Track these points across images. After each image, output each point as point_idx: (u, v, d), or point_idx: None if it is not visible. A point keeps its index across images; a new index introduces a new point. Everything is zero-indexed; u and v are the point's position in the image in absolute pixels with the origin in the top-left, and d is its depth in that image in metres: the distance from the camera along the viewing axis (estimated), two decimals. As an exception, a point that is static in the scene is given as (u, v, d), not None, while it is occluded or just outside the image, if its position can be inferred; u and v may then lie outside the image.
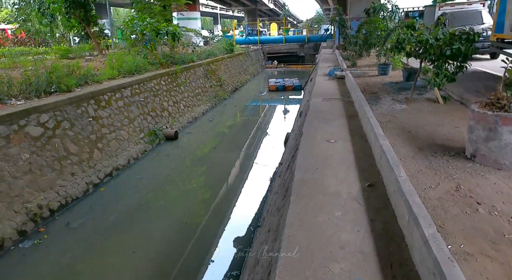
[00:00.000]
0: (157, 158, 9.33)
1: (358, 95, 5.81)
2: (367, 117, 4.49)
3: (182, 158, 9.55)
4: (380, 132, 3.94)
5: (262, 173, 8.36)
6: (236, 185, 7.88)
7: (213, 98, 15.46)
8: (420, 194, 2.82)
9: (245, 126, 13.08)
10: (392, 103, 6.20)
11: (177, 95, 12.40)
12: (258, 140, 11.12)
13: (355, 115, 5.85)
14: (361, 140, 4.66)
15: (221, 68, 18.40)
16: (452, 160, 3.62)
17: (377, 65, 9.49)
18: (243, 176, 8.31)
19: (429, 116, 5.49)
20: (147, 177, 8.28)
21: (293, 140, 5.86)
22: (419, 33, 5.20)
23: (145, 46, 12.77)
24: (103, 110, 8.44)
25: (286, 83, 19.41)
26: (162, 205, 7.10)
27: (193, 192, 7.75)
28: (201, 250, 5.51)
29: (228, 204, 6.93)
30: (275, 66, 31.69)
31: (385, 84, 8.42)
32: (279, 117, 14.30)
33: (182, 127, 11.64)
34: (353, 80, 7.54)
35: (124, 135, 8.79)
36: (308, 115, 5.50)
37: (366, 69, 11.10)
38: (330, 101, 6.75)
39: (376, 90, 7.49)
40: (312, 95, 7.16)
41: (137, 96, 10.00)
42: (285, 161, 5.46)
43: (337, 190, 3.33)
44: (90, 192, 7.12)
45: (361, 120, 5.23)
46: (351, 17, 17.69)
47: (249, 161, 9.30)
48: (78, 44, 17.47)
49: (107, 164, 7.84)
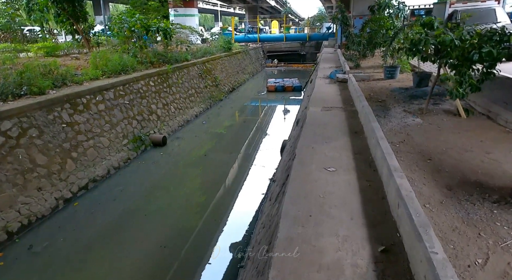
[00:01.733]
0: (141, 167, 8.55)
1: (364, 105, 5.00)
2: (376, 138, 3.67)
3: (170, 166, 8.77)
4: (394, 165, 3.04)
5: (256, 185, 7.58)
6: (227, 199, 7.10)
7: (208, 99, 14.66)
8: (463, 278, 1.95)
9: (241, 129, 12.29)
10: (404, 116, 5.33)
11: (168, 97, 11.61)
12: (254, 146, 10.33)
13: (360, 132, 4.87)
14: (368, 169, 3.68)
15: (218, 68, 17.58)
16: (498, 210, 2.67)
17: (383, 67, 8.66)
18: (236, 188, 7.52)
19: (451, 135, 4.53)
20: (128, 189, 7.51)
21: (287, 156, 5.04)
22: (438, 33, 4.35)
23: (134, 43, 11.96)
24: (80, 115, 7.65)
25: (285, 83, 18.58)
26: (143, 222, 6.32)
27: (179, 206, 6.96)
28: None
29: (216, 225, 6.15)
30: (275, 65, 30.83)
31: (394, 90, 7.52)
32: (277, 121, 13.49)
33: (172, 131, 10.86)
34: (356, 85, 6.69)
35: (104, 143, 8.01)
36: (304, 130, 4.65)
37: (371, 71, 10.25)
38: (330, 111, 5.91)
39: (383, 97, 6.63)
40: (310, 102, 6.29)
41: (121, 99, 9.20)
42: (277, 180, 4.67)
43: (337, 259, 2.39)
44: (60, 209, 6.34)
45: (368, 140, 4.35)
46: (354, 15, 16.84)
47: (244, 170, 8.51)
48: (68, 41, 16.65)
49: (82, 175, 7.06)
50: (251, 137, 11.14)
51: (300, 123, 5.63)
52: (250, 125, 12.78)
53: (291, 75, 24.23)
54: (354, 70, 10.37)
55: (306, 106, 6.73)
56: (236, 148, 10.08)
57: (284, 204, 2.96)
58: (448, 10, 11.41)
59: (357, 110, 5.71)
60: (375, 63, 12.32)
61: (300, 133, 4.54)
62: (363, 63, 11.71)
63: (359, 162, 3.91)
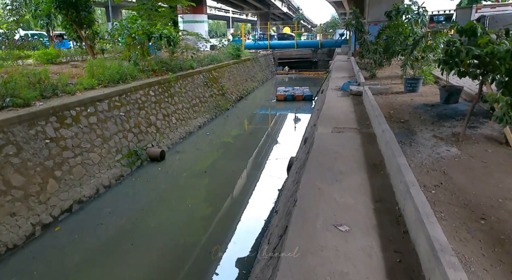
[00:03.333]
0: (135, 185, 7.85)
1: (384, 129, 4.13)
2: (405, 183, 2.78)
3: (166, 184, 8.04)
4: (438, 237, 2.07)
5: (259, 213, 6.77)
6: (227, 226, 6.30)
7: (213, 109, 13.96)
8: None
9: (247, 142, 11.50)
10: (434, 143, 4.31)
11: (169, 107, 10.94)
12: (260, 162, 9.52)
13: (380, 165, 3.83)
14: (396, 230, 2.65)
15: (225, 75, 16.91)
16: None
17: (403, 79, 7.76)
18: (237, 213, 6.72)
19: (504, 176, 3.41)
20: (118, 210, 6.80)
21: (289, 192, 4.14)
22: (483, 41, 3.44)
23: (136, 50, 11.37)
24: (68, 129, 7.00)
25: (295, 92, 17.77)
26: (130, 251, 5.57)
27: (172, 232, 6.19)
28: None
29: (212, 261, 5.35)
30: (286, 72, 30.09)
31: (417, 107, 6.42)
32: (285, 133, 12.66)
33: (172, 144, 10.16)
34: (373, 100, 5.78)
35: (94, 159, 7.33)
36: (310, 161, 3.80)
37: (388, 82, 9.31)
38: (342, 133, 4.96)
39: (406, 116, 5.61)
40: (319, 120, 5.40)
41: (116, 110, 8.55)
42: (277, 222, 3.81)
43: None
44: (37, 236, 5.65)
45: (392, 181, 3.36)
46: (369, 20, 15.99)
47: (247, 191, 7.71)
48: (69, 48, 16.30)
49: (66, 196, 6.37)
50: (257, 151, 10.35)
51: (307, 146, 4.80)
52: (256, 137, 12.00)
53: (302, 83, 23.43)
54: (370, 81, 9.48)
55: (314, 124, 5.87)
56: (241, 164, 9.29)
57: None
58: (474, 15, 10.48)
59: (374, 133, 4.84)
60: (392, 73, 11.39)
61: (304, 165, 3.66)
62: (379, 73, 10.81)
63: (382, 215, 2.89)
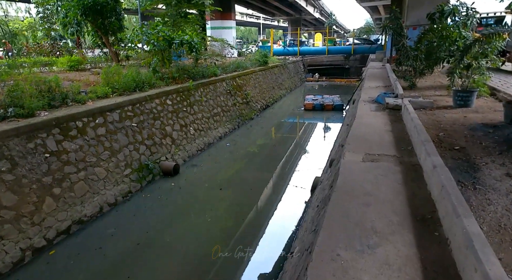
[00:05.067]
0: (145, 202, 7.22)
1: (435, 162, 2.99)
2: (483, 272, 1.70)
3: (178, 202, 7.34)
4: None
5: (280, 237, 5.88)
6: (242, 254, 5.45)
7: (236, 118, 13.24)
8: None
9: (269, 155, 10.63)
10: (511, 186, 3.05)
11: (187, 117, 10.33)
12: (282, 180, 8.63)
13: (432, 221, 2.65)
14: None
15: (250, 83, 16.21)
16: None
17: (452, 91, 6.56)
18: (254, 237, 5.86)
19: None
20: (121, 231, 6.17)
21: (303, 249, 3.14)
22: None
23: (156, 56, 10.92)
24: (71, 142, 6.50)
25: (325, 101, 16.73)
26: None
27: (181, 262, 5.44)
28: None
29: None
30: (316, 79, 29.01)
31: (474, 128, 5.08)
32: (312, 147, 11.66)
33: (189, 157, 9.51)
34: (416, 118, 4.64)
35: (99, 174, 6.78)
36: (330, 209, 2.78)
37: (432, 94, 8.05)
38: (376, 163, 3.79)
39: (461, 142, 4.36)
40: (348, 142, 4.33)
41: (128, 121, 8.02)
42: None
43: None
44: (26, 262, 5.10)
45: (455, 254, 2.21)
46: (407, 24, 14.69)
47: (266, 214, 6.85)
48: (96, 55, 16.30)
49: (64, 216, 5.82)
50: (280, 167, 9.46)
51: (330, 176, 3.84)
52: (280, 150, 11.11)
53: (333, 91, 22.30)
54: (409, 92, 8.31)
55: (342, 144, 4.87)
56: (261, 181, 8.44)
57: None
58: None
59: (420, 165, 3.68)
60: (435, 83, 10.08)
61: (323, 216, 2.66)
62: (419, 82, 9.59)
63: None
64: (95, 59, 14.38)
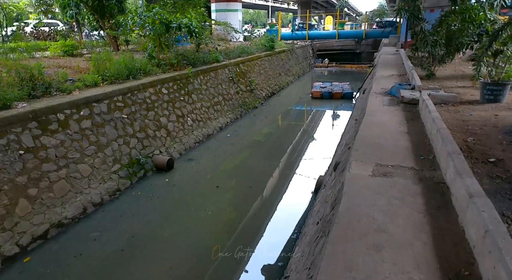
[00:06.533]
0: (134, 200, 6.69)
1: (470, 188, 2.26)
2: None
3: (171, 201, 6.78)
4: None
5: (281, 241, 5.30)
6: (235, 265, 4.90)
7: (239, 107, 12.55)
8: None
9: (272, 148, 9.95)
10: None
11: (185, 107, 9.68)
12: (284, 178, 7.99)
13: (470, 275, 1.92)
14: None
15: (255, 69, 15.39)
16: None
17: (480, 83, 5.69)
18: (254, 239, 5.28)
19: None
20: (106, 235, 5.66)
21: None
22: None
23: (152, 41, 10.20)
24: (51, 137, 5.93)
25: (334, 89, 15.85)
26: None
27: (171, 265, 4.91)
28: None
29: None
30: (326, 65, 27.89)
31: (511, 132, 4.19)
32: (319, 141, 10.93)
33: (185, 150, 8.91)
34: (438, 119, 3.90)
35: (83, 171, 6.23)
36: (328, 253, 2.05)
37: (453, 85, 7.12)
38: (390, 178, 3.01)
39: (497, 151, 3.52)
40: (355, 147, 3.47)
41: (117, 112, 7.41)
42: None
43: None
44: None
45: None
46: (425, 6, 13.58)
47: (267, 214, 6.25)
48: (94, 39, 15.63)
49: (41, 219, 5.31)
50: (284, 163, 8.80)
51: (332, 190, 3.16)
52: (284, 143, 10.41)
53: (343, 78, 21.33)
54: (427, 82, 7.43)
55: (349, 147, 4.13)
56: (261, 178, 7.82)
57: None
58: None
59: (445, 183, 2.90)
60: (456, 72, 9.15)
61: (318, 269, 1.95)
62: (438, 71, 8.68)
63: None
64: (92, 44, 13.70)
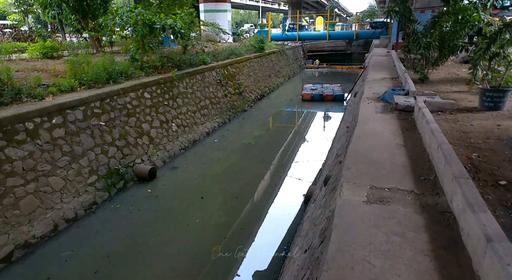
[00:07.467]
0: (113, 214, 6.23)
1: (484, 221, 1.86)
2: None
3: (152, 215, 6.33)
4: None
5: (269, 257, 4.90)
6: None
7: (227, 111, 12.13)
8: None
9: (261, 154, 9.55)
10: None
11: (169, 112, 9.23)
12: (272, 187, 7.61)
13: None
14: None
15: (244, 71, 14.99)
16: None
17: (480, 90, 5.37)
18: (239, 260, 4.88)
19: None
20: (79, 255, 5.21)
21: None
22: None
23: (134, 43, 9.73)
24: (18, 148, 5.44)
25: (324, 91, 15.56)
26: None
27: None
28: None
29: None
30: (317, 66, 27.64)
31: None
32: (310, 146, 10.58)
33: (169, 157, 8.47)
34: (438, 131, 3.50)
35: (55, 184, 5.76)
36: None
37: (448, 89, 6.83)
38: (387, 207, 2.60)
39: (507, 172, 3.05)
40: (346, 168, 3.19)
41: (94, 119, 6.94)
42: None
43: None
44: (-51, 302, 4.14)
45: None
46: (416, 7, 13.36)
47: (250, 231, 5.85)
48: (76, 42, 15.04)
49: (4, 240, 4.83)
50: (272, 170, 8.42)
51: (320, 220, 2.78)
52: (274, 148, 10.02)
53: (333, 79, 21.10)
54: (421, 86, 7.14)
55: (340, 160, 3.74)
56: (249, 187, 7.42)
57: None
58: None
59: (451, 211, 2.50)
60: (449, 75, 8.89)
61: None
62: (431, 74, 8.41)
63: None
64: (73, 46, 13.14)
